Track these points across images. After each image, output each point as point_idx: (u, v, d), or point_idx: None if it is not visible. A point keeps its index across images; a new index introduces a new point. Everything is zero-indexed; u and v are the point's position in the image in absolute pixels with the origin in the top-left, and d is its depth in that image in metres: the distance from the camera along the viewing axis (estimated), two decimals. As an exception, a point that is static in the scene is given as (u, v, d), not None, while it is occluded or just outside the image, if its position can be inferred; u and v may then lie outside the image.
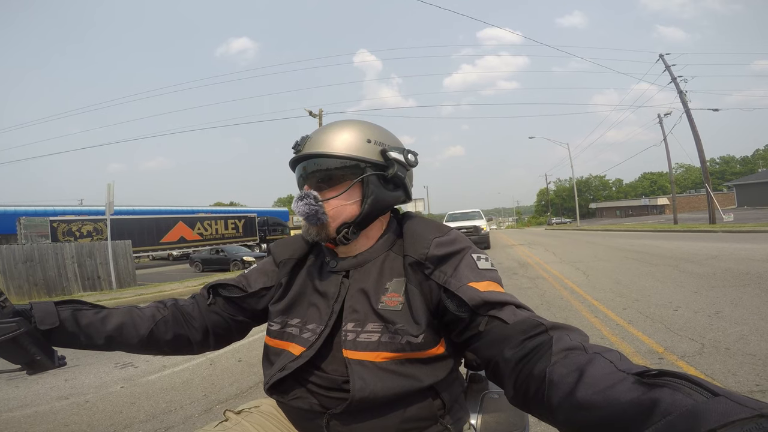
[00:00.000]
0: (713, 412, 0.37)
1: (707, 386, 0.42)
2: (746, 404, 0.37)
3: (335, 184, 0.87)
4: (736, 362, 2.85)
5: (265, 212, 32.45)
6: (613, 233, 21.82)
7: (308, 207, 0.83)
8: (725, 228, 15.69)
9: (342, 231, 0.86)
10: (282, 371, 0.83)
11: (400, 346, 0.78)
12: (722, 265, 7.02)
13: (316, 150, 0.87)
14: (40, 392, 3.54)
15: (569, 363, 0.57)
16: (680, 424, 0.39)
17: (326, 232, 0.86)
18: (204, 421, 2.71)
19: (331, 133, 0.88)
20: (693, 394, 0.41)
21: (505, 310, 0.72)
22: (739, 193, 45.59)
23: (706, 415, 0.37)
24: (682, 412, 0.39)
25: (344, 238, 0.87)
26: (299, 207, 0.84)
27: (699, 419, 0.37)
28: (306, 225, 0.88)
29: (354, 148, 0.87)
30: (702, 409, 0.38)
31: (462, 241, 0.85)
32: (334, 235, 0.87)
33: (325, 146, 0.87)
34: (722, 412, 0.37)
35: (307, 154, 0.88)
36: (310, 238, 0.88)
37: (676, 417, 0.39)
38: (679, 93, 19.95)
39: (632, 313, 4.50)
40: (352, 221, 0.87)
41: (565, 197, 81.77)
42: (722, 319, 3.91)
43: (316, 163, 0.87)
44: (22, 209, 22.73)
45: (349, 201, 0.87)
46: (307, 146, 0.88)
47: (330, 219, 0.85)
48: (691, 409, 0.39)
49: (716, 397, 0.40)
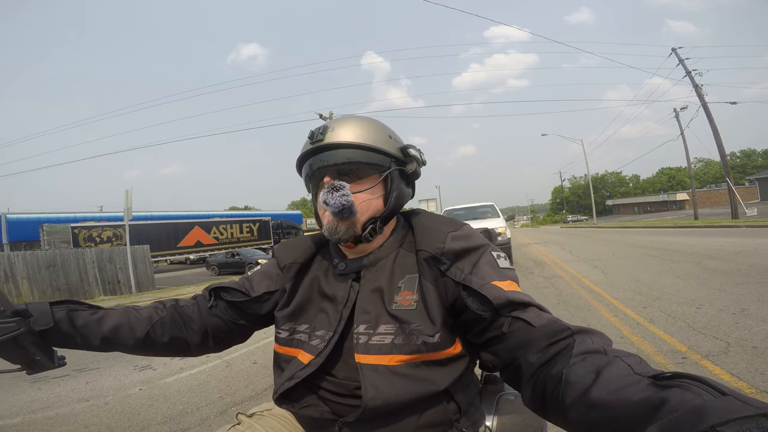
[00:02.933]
0: (718, 410, 0.38)
1: (717, 386, 0.43)
2: (751, 403, 0.38)
3: (361, 177, 0.84)
4: (764, 361, 2.74)
5: (279, 215, 33.01)
6: (631, 230, 21.36)
7: (345, 198, 0.77)
8: (748, 223, 15.23)
9: (368, 227, 0.83)
10: (291, 380, 0.81)
11: (415, 348, 0.75)
12: (747, 261, 6.79)
13: (345, 140, 0.82)
14: (62, 394, 3.63)
15: (587, 365, 0.56)
16: (684, 420, 0.39)
17: (354, 229, 0.82)
18: (219, 423, 2.73)
19: (354, 125, 0.85)
20: (702, 394, 0.42)
21: (529, 311, 0.70)
22: (761, 187, 44.29)
23: (710, 412, 0.38)
24: (688, 409, 0.40)
25: (369, 234, 0.83)
26: (334, 198, 0.77)
27: (702, 416, 0.38)
28: (332, 222, 0.81)
29: (380, 141, 0.84)
30: (707, 407, 0.39)
31: (479, 238, 0.82)
32: (361, 232, 0.83)
33: (355, 137, 0.83)
34: (726, 409, 0.38)
35: (335, 143, 0.82)
36: (336, 237, 0.82)
37: (681, 414, 0.40)
38: (695, 87, 19.45)
39: (653, 312, 4.38)
40: (379, 216, 0.84)
41: (581, 194, 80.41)
42: (748, 316, 3.77)
43: (342, 154, 0.82)
44: (45, 216, 23.45)
45: (374, 195, 0.84)
46: (330, 136, 0.83)
47: (359, 214, 0.81)
48: (697, 406, 0.40)
49: (724, 396, 0.41)
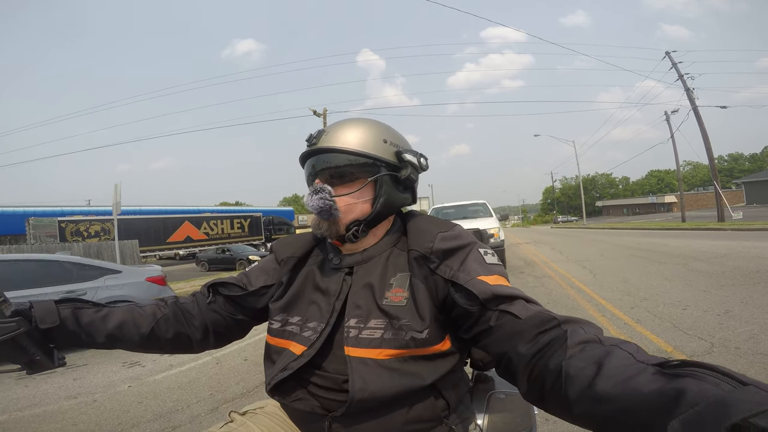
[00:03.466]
0: (744, 402, 0.36)
1: (735, 376, 0.40)
2: None
3: (349, 181, 0.86)
4: (746, 361, 2.82)
5: (271, 212, 32.54)
6: (620, 231, 21.66)
7: (323, 201, 0.83)
8: (734, 226, 15.54)
9: (351, 228, 0.86)
10: (284, 371, 0.82)
11: (404, 342, 0.76)
12: (732, 264, 6.95)
13: (333, 145, 0.86)
14: (49, 392, 3.58)
15: (586, 356, 0.55)
16: (709, 413, 0.37)
17: (336, 229, 0.86)
18: (210, 420, 2.73)
19: (348, 129, 0.87)
20: (720, 384, 0.40)
21: (516, 304, 0.71)
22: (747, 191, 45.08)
23: (736, 405, 0.35)
24: (711, 401, 0.38)
25: (353, 236, 0.86)
26: (313, 201, 0.83)
27: (729, 408, 0.36)
28: (317, 219, 0.87)
29: (371, 146, 0.86)
30: (731, 399, 0.37)
31: (467, 237, 0.84)
32: (344, 232, 0.86)
33: (342, 142, 0.86)
34: (753, 401, 0.35)
35: (323, 148, 0.86)
36: (320, 233, 0.87)
37: (704, 407, 0.38)
38: (687, 90, 19.74)
39: (640, 312, 4.47)
40: (363, 219, 0.86)
41: (571, 195, 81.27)
42: (732, 318, 3.87)
43: (330, 158, 0.86)
44: (31, 210, 23.05)
45: (361, 199, 0.86)
46: (323, 140, 0.87)
47: (341, 215, 0.85)
48: (719, 398, 0.37)
49: (745, 387, 0.38)
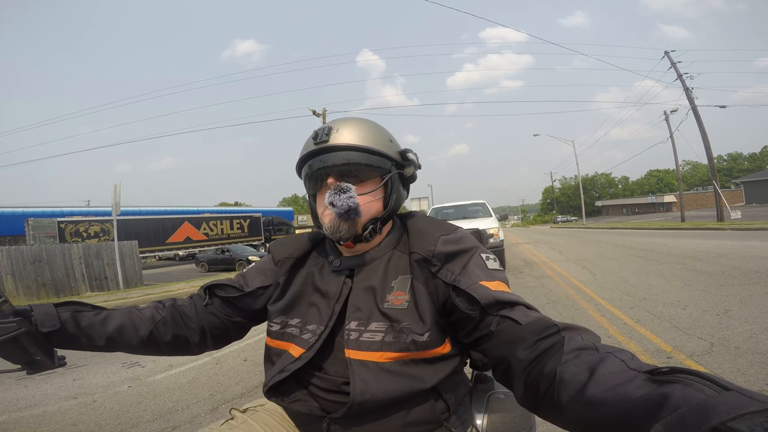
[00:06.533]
0: (724, 405, 0.37)
1: (718, 381, 0.42)
2: (757, 398, 0.37)
3: (363, 180, 0.86)
4: (745, 361, 2.82)
5: (270, 212, 32.48)
6: (620, 231, 21.65)
7: (351, 201, 0.79)
8: (733, 225, 15.53)
9: (368, 228, 0.85)
10: (281, 373, 0.82)
11: (404, 345, 0.76)
12: (731, 263, 6.94)
13: (349, 142, 0.84)
14: (49, 392, 3.57)
15: (580, 362, 0.56)
16: (691, 417, 0.39)
17: (355, 229, 0.84)
18: (210, 421, 2.72)
19: (358, 127, 0.86)
20: (704, 389, 0.41)
21: (517, 310, 0.71)
22: (747, 190, 45.12)
23: (716, 408, 0.37)
24: (693, 405, 0.39)
25: (370, 234, 0.86)
26: (341, 200, 0.79)
27: (709, 412, 0.37)
28: (335, 222, 0.82)
29: (382, 144, 0.87)
30: (713, 403, 0.38)
31: (470, 240, 0.84)
32: (361, 232, 0.85)
33: (360, 139, 0.84)
34: (733, 405, 0.37)
35: (339, 145, 0.84)
36: (338, 236, 0.83)
37: (687, 410, 0.39)
38: (686, 90, 19.73)
39: (640, 312, 4.47)
40: (379, 218, 0.86)
41: (571, 195, 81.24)
42: (731, 317, 3.86)
43: (348, 156, 0.84)
44: (30, 210, 22.98)
45: (376, 198, 0.86)
46: (334, 137, 0.84)
47: (362, 215, 0.83)
48: (702, 402, 0.39)
49: (727, 392, 0.40)
